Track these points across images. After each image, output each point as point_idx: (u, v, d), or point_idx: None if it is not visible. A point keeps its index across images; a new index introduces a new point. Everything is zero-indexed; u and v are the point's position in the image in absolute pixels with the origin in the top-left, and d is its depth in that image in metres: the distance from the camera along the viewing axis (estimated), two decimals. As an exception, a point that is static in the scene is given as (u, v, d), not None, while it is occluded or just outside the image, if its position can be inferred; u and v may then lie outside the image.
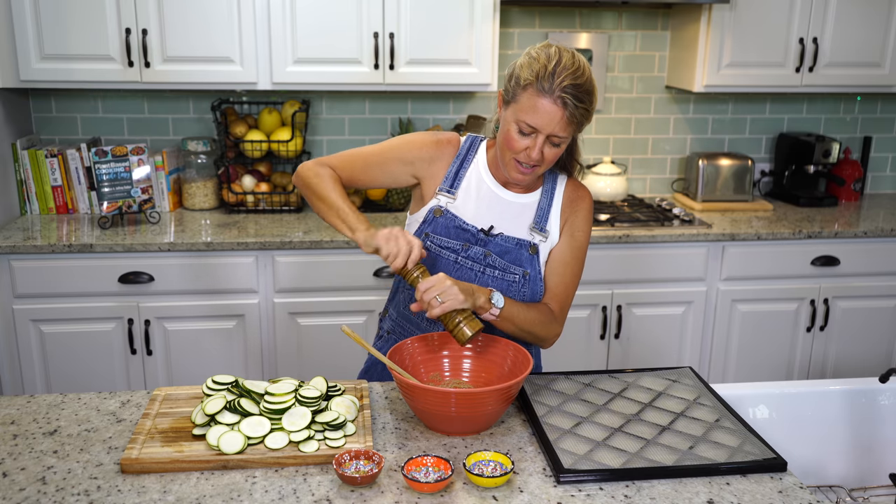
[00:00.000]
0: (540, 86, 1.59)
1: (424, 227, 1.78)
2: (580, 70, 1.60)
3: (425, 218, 1.78)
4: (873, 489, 1.92)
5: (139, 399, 1.67)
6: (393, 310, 1.90)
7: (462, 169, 1.79)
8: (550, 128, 1.61)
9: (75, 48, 2.97)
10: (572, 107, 1.59)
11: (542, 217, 1.78)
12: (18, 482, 1.36)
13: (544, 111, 1.60)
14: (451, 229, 1.76)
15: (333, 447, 1.45)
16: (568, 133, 1.63)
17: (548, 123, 1.60)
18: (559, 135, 1.62)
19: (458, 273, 1.75)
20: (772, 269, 3.22)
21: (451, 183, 1.78)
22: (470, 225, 1.76)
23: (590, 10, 3.51)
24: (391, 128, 3.51)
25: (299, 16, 3.03)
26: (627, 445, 1.48)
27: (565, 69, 1.58)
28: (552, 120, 1.60)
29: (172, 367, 2.99)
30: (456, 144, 1.82)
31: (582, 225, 1.80)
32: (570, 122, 1.61)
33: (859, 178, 3.70)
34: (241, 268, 2.93)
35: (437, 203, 1.78)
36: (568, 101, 1.58)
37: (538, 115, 1.60)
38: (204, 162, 3.33)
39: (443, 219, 1.77)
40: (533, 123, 1.61)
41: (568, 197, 1.81)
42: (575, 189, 1.82)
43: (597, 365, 3.22)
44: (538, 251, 1.76)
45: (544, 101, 1.59)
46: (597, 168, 3.53)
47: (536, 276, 1.76)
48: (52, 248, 2.82)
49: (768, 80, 3.35)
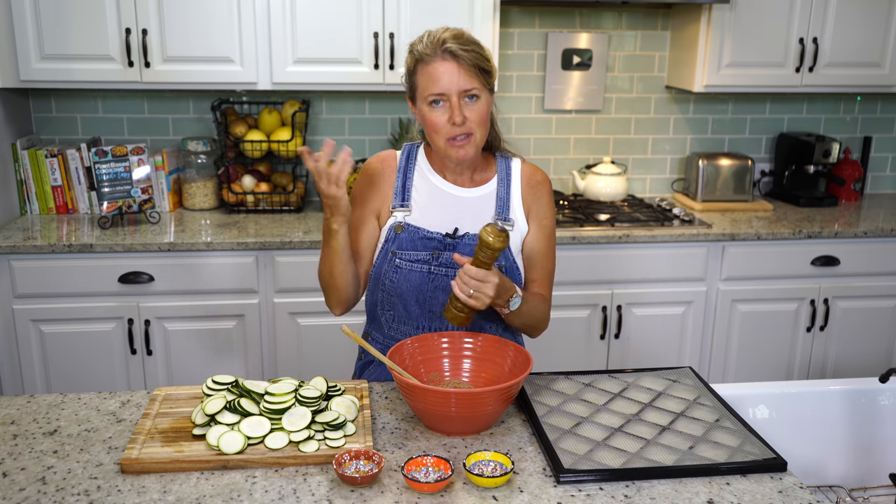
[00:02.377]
0: (423, 54, 1.65)
1: (389, 246, 1.76)
2: (457, 29, 1.66)
3: (387, 237, 1.77)
4: (873, 489, 1.92)
5: (139, 399, 1.67)
6: (377, 332, 1.88)
7: (407, 180, 1.78)
8: (453, 84, 1.63)
9: (75, 48, 2.97)
10: (461, 52, 1.62)
11: (503, 207, 1.77)
12: (18, 482, 1.36)
13: (440, 73, 1.63)
14: (416, 241, 1.74)
15: (333, 447, 1.45)
16: (476, 82, 1.64)
17: (448, 81, 1.63)
18: (467, 87, 1.64)
19: (434, 283, 1.74)
20: (772, 269, 3.22)
21: (401, 197, 1.77)
22: (434, 232, 1.75)
23: (590, 10, 3.51)
24: (391, 128, 3.51)
25: (299, 16, 3.03)
26: (627, 445, 1.48)
27: (436, 33, 1.65)
28: (451, 76, 1.63)
29: (172, 367, 2.99)
30: (392, 160, 1.82)
31: (547, 211, 1.82)
32: (470, 68, 1.63)
33: (859, 178, 3.70)
34: (241, 268, 2.93)
35: (394, 220, 1.77)
36: (454, 50, 1.62)
37: (437, 80, 1.63)
38: (204, 162, 3.33)
39: (405, 233, 1.75)
40: (437, 90, 1.64)
41: (526, 181, 1.81)
42: (532, 173, 1.82)
43: (597, 365, 3.22)
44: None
45: (435, 65, 1.63)
46: (597, 168, 3.53)
47: (512, 266, 1.77)
48: (52, 248, 2.82)
49: (768, 80, 3.35)
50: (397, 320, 1.81)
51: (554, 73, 3.54)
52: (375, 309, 1.84)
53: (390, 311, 1.81)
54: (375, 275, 1.79)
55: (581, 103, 3.59)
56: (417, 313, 1.78)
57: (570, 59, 3.53)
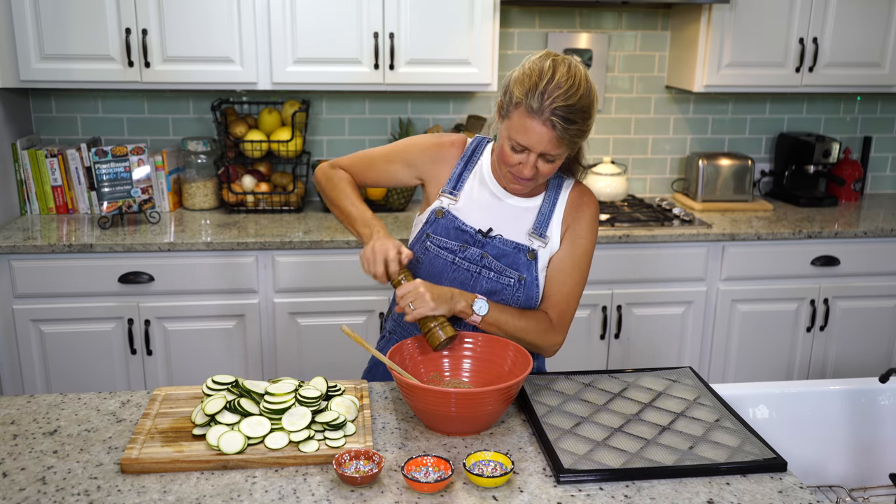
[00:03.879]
0: (529, 106, 1.55)
1: (426, 228, 1.79)
2: (573, 87, 1.55)
3: (427, 219, 1.79)
4: (873, 489, 1.92)
5: (139, 399, 1.67)
6: (395, 310, 1.90)
7: (466, 171, 1.79)
8: (541, 147, 1.59)
9: (75, 48, 2.97)
10: (561, 129, 1.55)
11: (542, 222, 1.76)
12: (18, 482, 1.36)
13: (533, 132, 1.57)
14: (450, 230, 1.76)
15: (333, 447, 1.45)
16: (560, 151, 1.61)
17: (537, 143, 1.58)
18: (551, 153, 1.61)
19: (454, 273, 1.75)
20: (772, 269, 3.22)
21: (454, 185, 1.79)
22: (469, 226, 1.76)
23: (590, 10, 3.51)
24: (391, 128, 3.51)
25: (299, 16, 3.03)
26: (627, 445, 1.48)
27: (557, 88, 1.54)
28: (541, 140, 1.58)
29: (172, 367, 2.99)
30: (461, 146, 1.82)
31: (584, 232, 1.77)
32: (561, 142, 1.58)
33: (859, 178, 3.70)
34: (241, 268, 2.93)
35: (439, 204, 1.79)
36: (557, 124, 1.55)
37: (528, 135, 1.58)
38: (204, 162, 3.33)
39: (444, 220, 1.77)
40: (523, 143, 1.59)
41: (572, 203, 1.78)
42: (580, 195, 1.79)
43: (597, 365, 3.22)
44: (536, 256, 1.75)
45: (534, 123, 1.56)
46: (597, 168, 3.53)
47: (532, 281, 1.75)
48: (52, 248, 2.82)
49: (768, 80, 3.35)
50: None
51: (554, 73, 3.53)
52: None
53: None
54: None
55: (581, 103, 3.59)
56: None
57: (570, 59, 3.53)
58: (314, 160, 3.49)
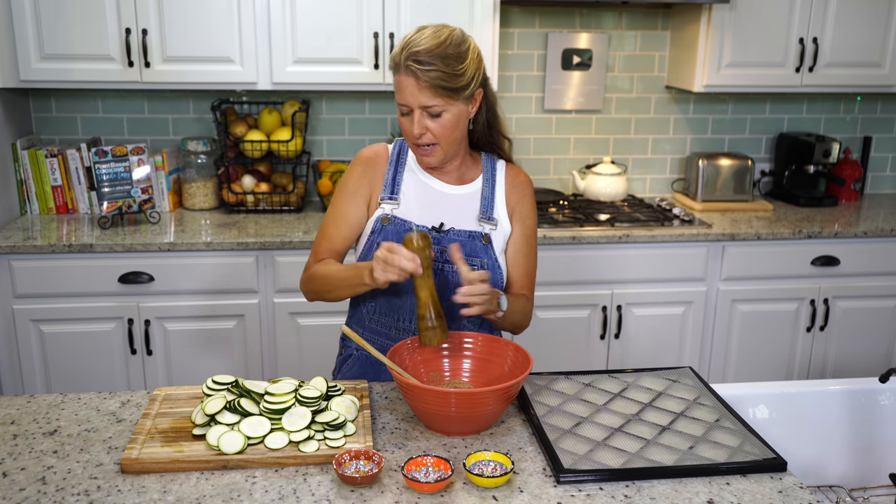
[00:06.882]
0: (394, 65, 1.67)
1: (374, 238, 1.78)
2: (432, 38, 1.64)
3: (373, 228, 1.79)
4: (873, 489, 1.92)
5: (139, 399, 1.67)
6: (357, 325, 1.88)
7: (398, 174, 1.80)
8: (413, 99, 1.65)
9: (75, 48, 2.97)
10: (420, 73, 1.61)
11: (487, 206, 1.80)
12: (18, 482, 1.36)
13: (402, 87, 1.66)
14: (402, 234, 1.75)
15: (333, 447, 1.45)
16: (437, 100, 1.64)
17: (410, 96, 1.65)
18: (427, 104, 1.65)
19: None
20: (772, 269, 3.22)
21: (390, 189, 1.79)
22: (420, 226, 1.77)
23: (590, 10, 3.51)
24: (391, 128, 3.51)
25: (299, 16, 3.03)
26: (627, 445, 1.48)
27: (412, 42, 1.64)
28: (411, 92, 1.64)
29: (172, 367, 2.99)
30: (384, 153, 1.83)
31: (529, 211, 1.85)
32: (430, 88, 1.63)
33: (859, 178, 3.70)
34: (241, 268, 2.93)
35: (381, 212, 1.78)
36: (413, 68, 1.62)
37: (401, 92, 1.66)
38: (204, 162, 3.33)
39: (391, 225, 1.77)
40: (400, 101, 1.67)
41: (510, 182, 1.84)
42: (515, 175, 1.86)
43: (597, 365, 3.22)
44: (491, 240, 1.78)
45: (400, 78, 1.66)
46: (597, 168, 3.53)
47: (493, 264, 1.79)
48: (52, 248, 2.82)
49: (768, 80, 3.35)
50: (378, 312, 1.82)
51: (554, 73, 3.54)
52: (357, 300, 1.86)
53: (371, 302, 1.83)
54: None
55: (581, 103, 3.59)
56: (399, 304, 1.79)
57: (570, 59, 3.53)
58: (314, 160, 3.49)
